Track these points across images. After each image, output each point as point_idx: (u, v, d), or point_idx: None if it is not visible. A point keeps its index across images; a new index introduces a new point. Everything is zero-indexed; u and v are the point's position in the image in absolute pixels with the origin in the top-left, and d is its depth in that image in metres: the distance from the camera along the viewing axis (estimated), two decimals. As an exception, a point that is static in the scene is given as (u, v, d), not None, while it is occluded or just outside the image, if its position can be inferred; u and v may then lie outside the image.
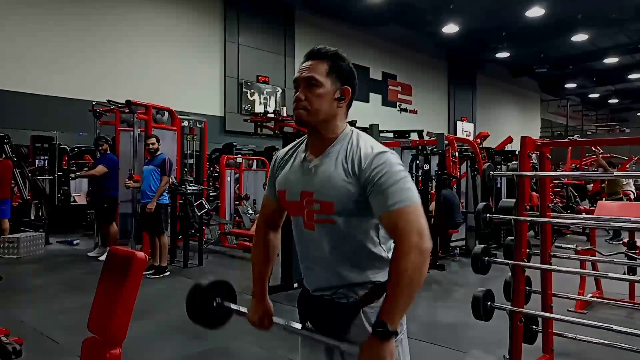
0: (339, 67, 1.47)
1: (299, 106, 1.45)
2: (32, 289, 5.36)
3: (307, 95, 1.44)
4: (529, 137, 2.98)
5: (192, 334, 3.96)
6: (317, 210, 1.42)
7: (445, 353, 3.66)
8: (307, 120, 1.45)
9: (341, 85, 1.47)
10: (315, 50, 1.49)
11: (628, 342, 2.79)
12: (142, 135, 7.05)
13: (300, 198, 1.46)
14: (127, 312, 1.68)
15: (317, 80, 1.43)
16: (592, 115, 32.65)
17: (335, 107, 1.46)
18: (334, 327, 1.45)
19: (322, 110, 1.44)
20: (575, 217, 4.36)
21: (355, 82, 1.50)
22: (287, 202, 1.53)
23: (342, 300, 1.45)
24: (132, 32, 12.07)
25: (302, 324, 1.56)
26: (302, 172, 1.48)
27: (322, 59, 1.47)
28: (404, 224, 1.30)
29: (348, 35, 16.72)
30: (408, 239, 1.28)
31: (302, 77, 1.46)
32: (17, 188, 8.23)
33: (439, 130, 12.52)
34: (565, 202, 10.75)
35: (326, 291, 1.48)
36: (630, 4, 14.92)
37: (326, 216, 1.41)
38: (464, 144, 9.53)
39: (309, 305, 1.55)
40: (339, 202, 1.39)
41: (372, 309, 1.42)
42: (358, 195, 1.38)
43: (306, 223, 1.47)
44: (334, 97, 1.45)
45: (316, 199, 1.42)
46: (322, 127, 1.46)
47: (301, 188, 1.46)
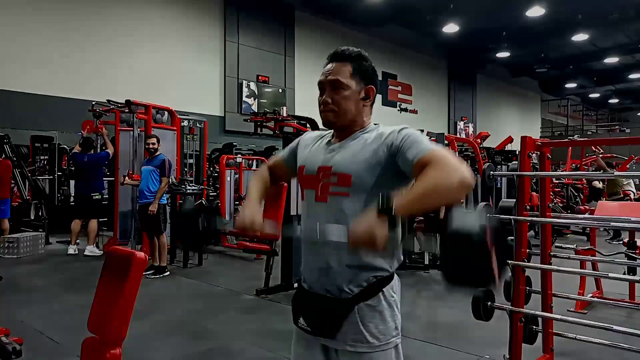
0: (363, 67, 1.50)
1: (326, 109, 1.47)
2: (32, 289, 5.36)
3: (334, 97, 1.47)
4: (529, 137, 2.98)
5: (192, 334, 3.96)
6: (334, 182, 1.44)
7: (445, 353, 3.66)
8: (336, 122, 1.49)
9: (365, 85, 1.50)
10: (339, 52, 1.51)
11: (628, 342, 2.79)
12: (141, 135, 7.06)
13: (317, 172, 1.48)
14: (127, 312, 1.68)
15: (342, 82, 1.46)
16: (592, 115, 32.66)
17: (361, 107, 1.50)
18: (327, 322, 1.45)
19: (349, 111, 1.47)
20: (575, 217, 4.36)
21: (378, 81, 1.55)
22: (303, 176, 1.55)
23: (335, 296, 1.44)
24: (132, 32, 12.08)
25: (296, 322, 1.55)
26: (325, 151, 1.52)
27: (345, 60, 1.49)
28: (442, 157, 1.27)
29: (348, 35, 16.74)
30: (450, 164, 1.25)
31: (327, 80, 1.48)
32: (17, 188, 8.23)
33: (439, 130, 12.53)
34: (565, 202, 10.75)
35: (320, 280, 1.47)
36: (630, 4, 14.93)
37: (342, 189, 1.43)
38: (464, 144, 9.53)
39: (303, 301, 1.54)
40: (358, 175, 1.41)
41: (366, 307, 1.42)
42: (381, 168, 1.39)
43: (318, 196, 1.48)
44: (359, 97, 1.48)
45: (334, 172, 1.44)
46: (349, 125, 1.50)
47: (320, 164, 1.49)
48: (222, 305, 4.90)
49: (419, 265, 6.51)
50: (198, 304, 4.91)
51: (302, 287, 1.56)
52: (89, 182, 7.31)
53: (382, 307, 1.43)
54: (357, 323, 1.41)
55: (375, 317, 1.42)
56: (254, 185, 1.68)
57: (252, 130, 8.30)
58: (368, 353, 1.41)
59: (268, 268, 5.35)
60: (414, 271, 6.39)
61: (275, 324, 4.26)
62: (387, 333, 1.43)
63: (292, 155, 1.66)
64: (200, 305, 4.83)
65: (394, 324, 1.45)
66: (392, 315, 1.45)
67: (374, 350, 1.41)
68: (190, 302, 4.98)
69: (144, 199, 6.06)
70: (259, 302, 4.99)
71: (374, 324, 1.42)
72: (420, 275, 6.32)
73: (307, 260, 1.54)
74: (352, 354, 1.41)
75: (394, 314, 1.46)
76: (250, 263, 7.01)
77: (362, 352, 1.41)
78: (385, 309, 1.44)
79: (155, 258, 6.04)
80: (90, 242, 7.23)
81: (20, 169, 8.13)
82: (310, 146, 1.60)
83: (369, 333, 1.41)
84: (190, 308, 4.74)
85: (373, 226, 1.20)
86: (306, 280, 1.55)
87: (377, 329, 1.42)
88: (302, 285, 1.56)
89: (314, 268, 1.50)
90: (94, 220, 7.25)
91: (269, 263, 5.39)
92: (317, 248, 1.48)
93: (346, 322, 1.42)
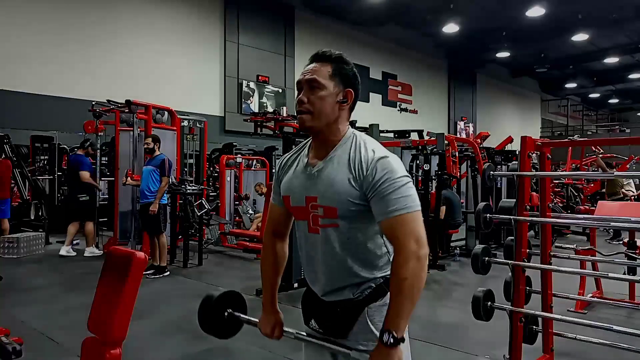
0: (342, 70, 1.48)
1: (302, 109, 1.46)
2: (32, 289, 5.35)
3: (310, 97, 1.45)
4: (529, 137, 2.98)
5: (192, 334, 3.96)
6: (322, 215, 1.44)
7: (445, 353, 3.66)
8: (311, 125, 1.46)
9: (344, 88, 1.47)
10: (319, 53, 1.51)
11: (628, 342, 2.79)
12: (141, 135, 7.07)
13: (305, 203, 1.47)
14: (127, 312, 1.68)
15: (320, 82, 1.44)
16: (592, 115, 32.65)
17: (337, 110, 1.46)
18: (338, 324, 1.48)
19: (324, 113, 1.44)
20: (575, 217, 4.36)
21: (358, 86, 1.52)
22: (293, 207, 1.54)
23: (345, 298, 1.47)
24: (132, 32, 12.08)
25: (307, 323, 1.57)
26: (306, 177, 1.49)
27: (325, 61, 1.48)
28: (402, 232, 1.33)
29: (348, 35, 16.73)
30: (406, 247, 1.32)
31: (305, 79, 1.47)
32: (17, 188, 8.23)
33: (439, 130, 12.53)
34: (565, 202, 10.75)
35: (330, 295, 1.49)
36: (630, 4, 14.92)
37: (330, 220, 1.43)
38: (464, 144, 9.53)
39: (313, 303, 1.56)
40: (342, 206, 1.40)
41: (375, 307, 1.45)
42: (360, 200, 1.39)
43: (311, 227, 1.48)
44: (336, 99, 1.46)
45: (320, 204, 1.44)
46: (325, 131, 1.47)
47: (305, 193, 1.48)
48: (222, 305, 4.89)
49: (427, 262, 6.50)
50: (198, 304, 4.89)
51: (311, 290, 1.58)
52: (74, 183, 7.24)
53: None
54: (366, 323, 1.44)
55: (384, 316, 1.43)
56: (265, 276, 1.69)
57: (252, 130, 8.30)
58: None
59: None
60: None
61: (275, 324, 4.25)
62: None
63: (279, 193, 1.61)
64: (200, 305, 4.83)
65: None
66: None
67: None
68: (190, 302, 4.97)
69: (144, 199, 6.07)
70: (259, 302, 4.93)
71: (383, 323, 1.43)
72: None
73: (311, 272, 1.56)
74: (363, 352, 1.43)
75: None
76: (250, 263, 7.01)
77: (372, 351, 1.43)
78: None
79: (155, 258, 6.04)
80: (88, 244, 7.24)
81: (20, 169, 8.13)
82: (290, 170, 1.56)
83: (379, 331, 1.42)
84: (190, 308, 4.71)
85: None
86: (314, 285, 1.56)
87: None
88: (311, 289, 1.58)
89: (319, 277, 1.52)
90: (89, 222, 7.20)
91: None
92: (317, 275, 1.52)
93: (357, 322, 1.45)
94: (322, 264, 1.48)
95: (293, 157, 1.59)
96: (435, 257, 6.81)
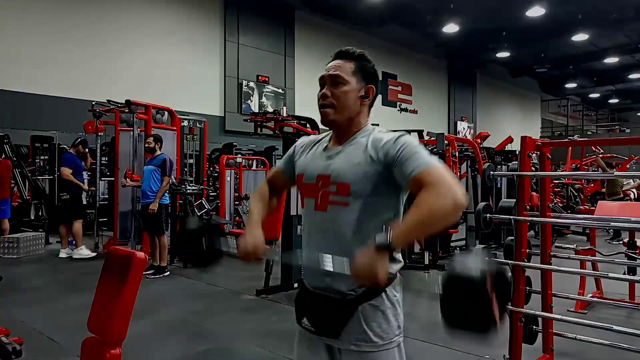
0: (364, 67, 1.53)
1: (325, 103, 1.49)
2: (32, 289, 5.36)
3: (333, 92, 1.49)
4: (529, 137, 2.97)
5: (192, 334, 3.96)
6: (333, 191, 1.45)
7: (445, 353, 3.66)
8: (334, 119, 1.50)
9: (365, 85, 1.52)
10: (343, 51, 1.55)
11: (628, 342, 2.79)
12: (141, 135, 7.07)
13: (316, 180, 1.50)
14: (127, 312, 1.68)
15: (343, 78, 1.49)
16: (592, 115, 32.67)
17: (359, 105, 1.51)
18: (331, 323, 1.46)
19: (347, 107, 1.49)
20: (575, 217, 4.36)
21: (378, 83, 1.57)
22: (303, 184, 1.56)
23: (339, 297, 1.45)
24: (132, 32, 12.08)
25: (299, 321, 1.56)
26: (323, 158, 1.53)
27: (348, 58, 1.52)
28: (436, 177, 1.29)
29: (348, 35, 16.74)
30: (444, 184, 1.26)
31: (328, 74, 1.51)
32: (17, 188, 8.23)
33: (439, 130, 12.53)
34: (565, 202, 10.75)
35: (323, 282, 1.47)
36: (630, 4, 14.93)
37: (341, 198, 1.44)
38: (464, 144, 9.52)
39: (307, 301, 1.55)
40: (356, 184, 1.42)
41: (369, 307, 1.43)
42: (378, 177, 1.41)
43: (318, 204, 1.49)
44: (358, 94, 1.50)
45: (333, 181, 1.45)
46: (346, 125, 1.51)
47: (318, 172, 1.51)
48: (222, 305, 4.89)
49: (419, 265, 6.51)
50: (198, 304, 4.91)
51: (305, 287, 1.56)
52: (60, 181, 7.22)
53: (385, 307, 1.44)
54: (360, 323, 1.42)
55: (379, 317, 1.43)
56: (254, 205, 1.69)
57: (252, 130, 8.30)
58: (372, 352, 1.42)
59: (268, 268, 5.35)
60: (414, 271, 6.38)
61: (275, 324, 4.25)
62: (390, 332, 1.45)
63: (290, 164, 1.67)
64: (200, 305, 4.83)
65: (397, 323, 1.47)
66: (395, 315, 1.46)
67: (378, 350, 1.43)
68: (190, 302, 4.98)
69: (146, 198, 6.06)
70: (259, 302, 4.98)
71: (377, 324, 1.43)
72: (420, 275, 6.32)
73: (309, 254, 1.54)
74: (356, 353, 1.42)
75: (396, 313, 1.47)
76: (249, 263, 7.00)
77: (366, 352, 1.42)
78: (389, 308, 1.45)
79: (155, 258, 6.04)
80: (76, 245, 6.98)
81: (20, 169, 8.13)
82: (307, 152, 1.61)
83: (372, 332, 1.42)
84: (190, 308, 4.74)
85: (374, 263, 1.22)
86: (309, 280, 1.55)
87: (380, 328, 1.43)
88: (305, 285, 1.57)
89: (315, 270, 1.50)
90: (76, 221, 6.95)
91: (269, 263, 5.39)
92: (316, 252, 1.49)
93: (350, 322, 1.43)
94: (323, 244, 1.46)
95: (312, 143, 1.63)
96: (436, 257, 6.81)
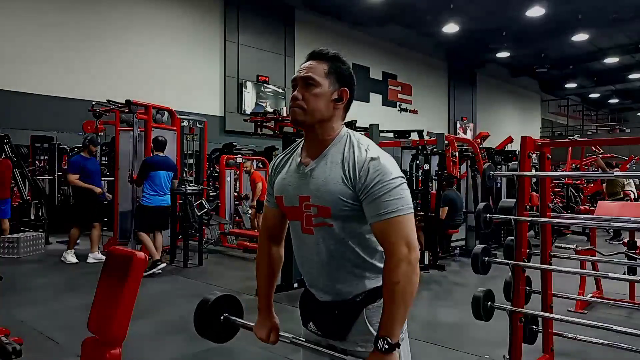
0: (338, 68, 1.47)
1: (295, 105, 1.45)
2: (32, 289, 5.36)
3: (304, 94, 1.43)
4: (529, 137, 2.97)
5: (192, 334, 3.94)
6: (315, 214, 1.43)
7: (445, 353, 3.66)
8: (303, 120, 1.44)
9: (339, 87, 1.46)
10: (316, 52, 1.50)
11: (628, 342, 2.79)
12: (141, 135, 7.07)
13: (299, 203, 1.46)
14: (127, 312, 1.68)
15: (315, 79, 1.43)
16: (592, 115, 32.65)
17: (332, 108, 1.45)
18: (336, 326, 1.47)
19: (318, 110, 1.43)
20: (575, 217, 4.36)
21: (354, 86, 1.50)
22: (286, 208, 1.53)
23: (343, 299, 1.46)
24: (132, 32, 12.08)
25: (305, 325, 1.57)
26: (299, 177, 1.47)
27: (321, 59, 1.47)
28: (394, 236, 1.33)
29: (348, 35, 16.73)
30: (397, 251, 1.32)
31: (300, 76, 1.46)
32: (17, 188, 8.23)
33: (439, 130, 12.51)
34: (565, 202, 10.75)
35: (327, 296, 1.49)
36: (630, 4, 14.92)
37: (324, 220, 1.42)
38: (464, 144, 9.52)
39: (311, 305, 1.55)
40: (336, 206, 1.39)
41: (373, 308, 1.44)
42: (353, 200, 1.38)
43: (304, 228, 1.47)
44: (331, 98, 1.44)
45: (313, 204, 1.42)
46: (317, 128, 1.45)
47: (298, 192, 1.46)
48: (222, 305, 4.89)
49: (419, 265, 6.50)
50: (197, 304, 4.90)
51: (309, 291, 1.57)
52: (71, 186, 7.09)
53: None
54: (365, 324, 1.43)
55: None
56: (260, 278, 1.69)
57: (252, 130, 8.30)
58: None
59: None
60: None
61: (275, 324, 4.25)
62: None
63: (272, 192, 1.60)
64: (200, 305, 4.83)
65: None
66: None
67: None
68: (190, 302, 4.96)
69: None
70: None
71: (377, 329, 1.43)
72: (420, 275, 6.31)
73: (307, 273, 1.55)
74: (362, 353, 1.42)
75: None
76: (250, 263, 7.01)
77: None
78: None
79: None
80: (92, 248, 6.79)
81: (20, 169, 8.12)
82: (283, 170, 1.55)
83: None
84: (190, 308, 4.69)
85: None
86: (311, 287, 1.56)
87: None
88: (308, 290, 1.57)
89: (316, 279, 1.52)
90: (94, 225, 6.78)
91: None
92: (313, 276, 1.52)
93: (355, 323, 1.44)
94: (318, 264, 1.47)
95: (286, 158, 1.58)
96: (436, 257, 6.81)
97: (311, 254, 1.48)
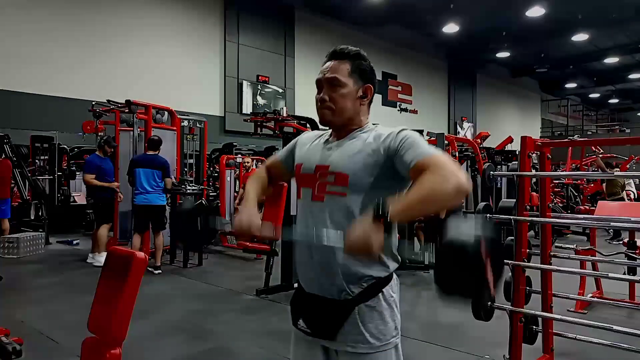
0: (361, 66, 1.49)
1: (324, 106, 1.47)
2: (32, 289, 5.36)
3: (331, 95, 1.46)
4: (529, 137, 2.97)
5: (192, 334, 3.96)
6: (331, 182, 1.43)
7: (445, 353, 3.66)
8: (332, 120, 1.48)
9: (363, 84, 1.49)
10: (337, 51, 1.51)
11: (628, 342, 2.79)
12: (141, 135, 7.07)
13: (314, 171, 1.48)
14: (127, 312, 1.68)
15: (340, 80, 1.45)
16: (592, 115, 32.65)
17: (358, 105, 1.49)
18: (327, 324, 1.45)
19: (346, 109, 1.47)
20: (575, 217, 4.36)
21: (376, 80, 1.54)
22: (300, 175, 1.55)
23: (334, 298, 1.44)
24: (132, 32, 12.08)
25: (295, 323, 1.55)
26: (323, 150, 1.51)
27: (344, 59, 1.49)
28: (439, 162, 1.26)
29: (348, 35, 16.72)
30: (447, 168, 1.23)
31: (325, 77, 1.47)
32: (17, 188, 8.23)
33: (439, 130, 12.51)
34: (565, 202, 10.75)
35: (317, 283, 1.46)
36: (630, 4, 14.92)
37: (339, 188, 1.42)
38: (464, 144, 9.53)
39: (303, 302, 1.54)
40: (355, 175, 1.40)
41: (366, 308, 1.42)
42: (378, 169, 1.39)
43: (315, 195, 1.47)
44: (356, 95, 1.48)
45: (331, 171, 1.44)
46: (346, 124, 1.50)
47: (317, 162, 1.49)
48: (222, 305, 4.90)
49: (419, 265, 6.51)
50: (198, 304, 4.91)
51: (301, 288, 1.55)
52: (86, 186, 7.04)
53: (382, 308, 1.43)
54: (357, 324, 1.41)
55: (375, 318, 1.42)
56: (251, 186, 1.66)
57: (252, 130, 8.29)
58: (369, 354, 1.41)
59: (268, 268, 5.35)
60: (414, 271, 6.38)
61: (276, 324, 4.26)
62: (387, 333, 1.43)
63: (290, 155, 1.65)
64: (200, 305, 4.83)
65: (394, 324, 1.45)
66: (392, 316, 1.45)
67: (375, 351, 1.41)
68: (190, 302, 4.98)
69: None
70: (259, 302, 4.98)
71: (374, 325, 1.42)
72: (420, 275, 6.32)
73: (303, 262, 1.52)
74: (352, 354, 1.41)
75: (393, 314, 1.46)
76: (250, 263, 7.01)
77: (362, 353, 1.41)
78: (385, 309, 1.44)
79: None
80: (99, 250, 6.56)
81: (20, 169, 8.12)
82: (308, 145, 1.59)
83: (369, 333, 1.41)
84: (190, 308, 4.74)
85: (369, 232, 1.18)
86: (304, 281, 1.54)
87: (377, 329, 1.42)
88: (301, 287, 1.56)
89: (311, 270, 1.48)
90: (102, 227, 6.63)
91: (269, 263, 5.39)
92: (313, 250, 1.47)
93: (346, 323, 1.42)
94: (319, 239, 1.42)
95: (314, 137, 1.61)
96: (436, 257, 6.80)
97: (314, 222, 1.44)
